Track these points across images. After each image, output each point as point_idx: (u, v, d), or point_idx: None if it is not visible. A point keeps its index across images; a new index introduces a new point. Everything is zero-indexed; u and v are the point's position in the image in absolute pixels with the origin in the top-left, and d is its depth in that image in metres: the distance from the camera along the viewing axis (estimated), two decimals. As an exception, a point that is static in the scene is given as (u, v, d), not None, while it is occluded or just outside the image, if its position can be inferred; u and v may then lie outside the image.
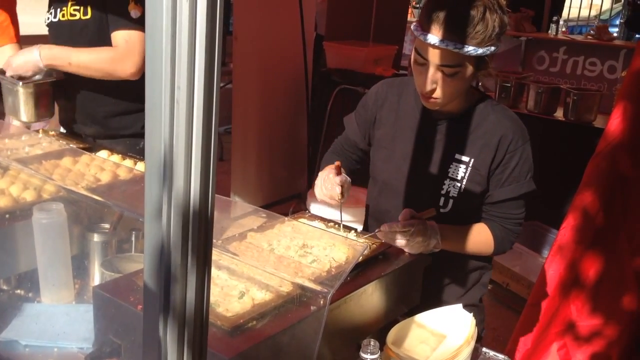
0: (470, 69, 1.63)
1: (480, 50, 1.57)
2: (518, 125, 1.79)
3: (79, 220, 1.71)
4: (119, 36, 2.24)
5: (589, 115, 3.82)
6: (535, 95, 3.97)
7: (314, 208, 3.77)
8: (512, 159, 1.76)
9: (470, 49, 1.55)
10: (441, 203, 1.80)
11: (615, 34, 7.37)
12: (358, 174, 2.03)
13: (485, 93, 1.89)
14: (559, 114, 3.99)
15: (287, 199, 4.66)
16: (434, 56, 1.60)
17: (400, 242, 1.59)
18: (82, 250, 1.70)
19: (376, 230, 1.66)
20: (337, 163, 1.75)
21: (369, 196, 2.04)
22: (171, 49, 0.60)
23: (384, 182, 1.91)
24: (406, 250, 1.62)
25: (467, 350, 1.44)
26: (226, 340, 1.14)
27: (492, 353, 1.57)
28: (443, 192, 1.79)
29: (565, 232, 2.45)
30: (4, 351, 1.41)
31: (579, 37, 6.03)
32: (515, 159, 1.76)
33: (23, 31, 2.78)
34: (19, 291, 1.65)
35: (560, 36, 6.44)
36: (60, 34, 2.40)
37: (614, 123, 2.36)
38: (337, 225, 1.71)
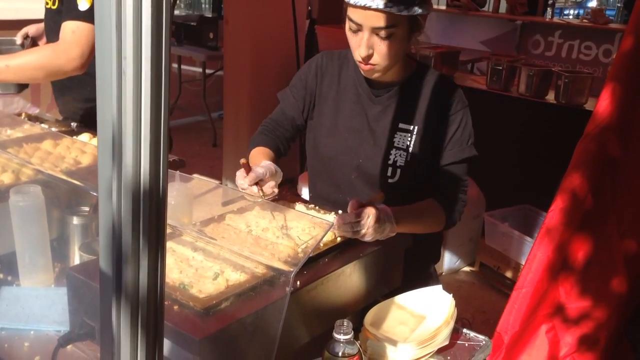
0: (404, 30, 1.64)
1: (412, 9, 1.59)
2: (457, 90, 1.82)
3: (58, 203, 1.70)
4: (67, 27, 2.14)
5: (581, 98, 3.79)
6: (526, 78, 3.95)
7: (306, 193, 3.76)
8: (453, 123, 1.79)
9: (400, 7, 1.57)
10: (389, 173, 1.81)
11: (612, 17, 7.31)
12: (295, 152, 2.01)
13: (423, 62, 1.92)
14: (551, 97, 3.97)
15: (280, 183, 4.64)
16: (366, 19, 1.60)
17: (355, 232, 1.51)
18: (61, 234, 1.69)
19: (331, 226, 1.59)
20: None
21: (310, 174, 2.03)
22: (116, 17, 0.58)
23: (329, 157, 1.90)
24: (363, 239, 1.53)
25: (446, 331, 1.43)
26: (197, 321, 1.13)
27: (472, 334, 1.57)
28: (390, 162, 1.80)
29: (554, 214, 2.43)
30: (-20, 334, 1.40)
31: (574, 21, 5.98)
32: (456, 123, 1.79)
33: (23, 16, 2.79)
34: (-2, 275, 1.64)
35: (555, 20, 6.40)
36: (46, 20, 2.42)
37: (603, 104, 2.34)
38: (316, 207, 1.69)
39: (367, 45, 1.64)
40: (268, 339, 1.16)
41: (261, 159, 1.77)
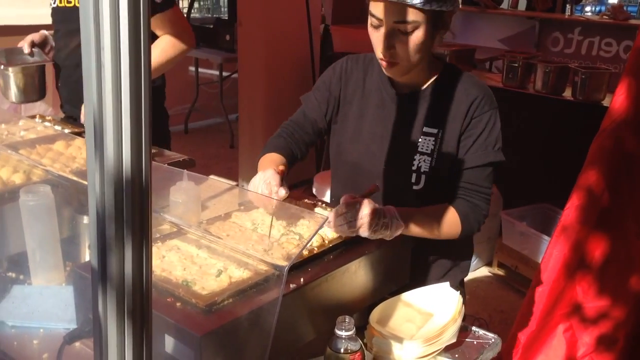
0: (428, 26, 1.58)
1: (434, 4, 1.53)
2: (485, 91, 1.73)
3: (69, 203, 1.72)
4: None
5: (598, 94, 3.73)
6: (543, 75, 3.89)
7: (321, 193, 3.76)
8: (478, 125, 1.69)
9: (423, 2, 1.51)
10: (413, 180, 1.73)
11: (633, 13, 7.20)
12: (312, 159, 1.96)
13: (450, 62, 1.84)
14: (568, 93, 3.91)
15: (297, 184, 4.65)
16: (387, 13, 1.56)
17: (350, 225, 1.45)
18: (72, 233, 1.70)
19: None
20: (280, 168, 1.62)
21: (333, 179, 1.96)
22: (94, 7, 0.58)
23: (353, 163, 1.83)
24: (362, 234, 1.47)
25: (453, 329, 1.42)
26: (199, 318, 1.13)
27: (481, 332, 1.55)
28: (414, 168, 1.73)
29: (570, 212, 2.40)
30: (-10, 332, 1.42)
31: (594, 17, 5.90)
32: (482, 125, 1.69)
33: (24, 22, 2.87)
34: (10, 273, 1.66)
35: (575, 16, 6.32)
36: (61, 19, 2.47)
37: (619, 100, 2.30)
38: (323, 205, 1.68)
39: (388, 40, 1.59)
40: (264, 334, 1.16)
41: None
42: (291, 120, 1.93)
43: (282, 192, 1.53)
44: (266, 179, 1.56)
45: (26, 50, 2.50)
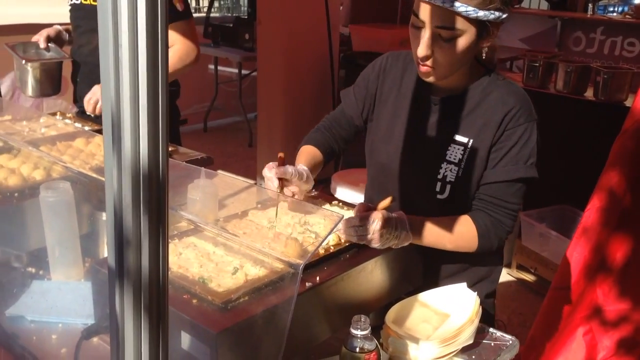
0: (471, 36, 1.49)
1: (480, 13, 1.44)
2: (522, 101, 1.62)
3: (88, 199, 1.73)
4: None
5: (620, 94, 3.68)
6: (564, 74, 3.85)
7: (339, 192, 3.75)
8: (511, 137, 1.60)
9: (469, 10, 1.42)
10: (437, 188, 1.66)
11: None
12: (347, 155, 1.94)
13: (492, 68, 1.72)
14: (589, 93, 3.86)
15: (315, 183, 4.65)
16: (430, 16, 1.48)
17: (360, 237, 1.42)
18: (91, 229, 1.72)
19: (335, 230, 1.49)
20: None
21: (368, 178, 1.93)
22: (112, 5, 0.58)
23: (382, 164, 1.78)
24: (371, 245, 1.44)
25: (470, 330, 1.41)
26: (215, 315, 1.14)
27: (499, 334, 1.53)
28: (440, 176, 1.65)
29: (590, 213, 2.37)
30: (10, 326, 1.44)
31: (617, 17, 5.82)
32: (515, 137, 1.60)
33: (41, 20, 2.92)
34: (30, 269, 1.68)
35: (597, 16, 6.24)
36: (83, 15, 2.50)
37: (641, 100, 2.27)
38: (340, 204, 1.68)
39: (427, 44, 1.51)
40: (279, 332, 1.16)
41: (302, 161, 1.72)
42: (330, 116, 1.92)
43: (275, 181, 1.57)
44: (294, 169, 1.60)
45: (42, 45, 2.53)
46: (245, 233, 1.40)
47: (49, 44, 2.56)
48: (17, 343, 1.38)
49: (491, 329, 1.55)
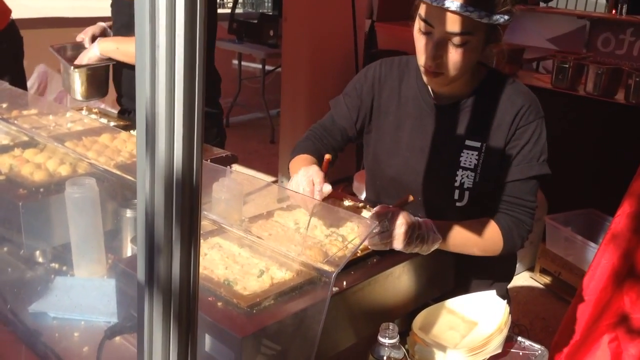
0: (480, 39, 1.48)
1: (494, 17, 1.41)
2: (531, 99, 1.61)
3: (113, 196, 1.72)
4: None
5: (653, 98, 3.61)
6: (594, 76, 3.77)
7: (361, 191, 3.73)
8: (523, 135, 1.58)
9: (482, 14, 1.40)
10: (456, 196, 1.63)
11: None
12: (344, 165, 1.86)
13: (493, 67, 1.70)
14: (620, 96, 3.78)
15: (336, 182, 4.63)
16: (441, 22, 1.44)
17: (383, 237, 1.37)
18: (115, 226, 1.71)
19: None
20: (327, 157, 1.56)
21: (370, 189, 1.86)
22: (150, 3, 0.56)
23: (391, 178, 1.73)
24: (394, 246, 1.39)
25: (499, 339, 1.37)
26: (240, 319, 1.12)
27: (527, 343, 1.50)
28: (457, 184, 1.62)
29: (620, 219, 2.32)
30: (33, 323, 1.43)
31: (647, 18, 5.70)
32: (527, 135, 1.58)
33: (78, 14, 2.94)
34: (53, 264, 1.68)
35: (627, 17, 6.12)
36: (116, 11, 2.50)
37: (676, 105, 2.21)
38: (367, 206, 1.65)
39: (437, 50, 1.48)
40: (308, 340, 1.13)
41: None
42: (320, 125, 1.85)
43: (327, 187, 1.48)
44: (309, 175, 1.50)
45: (87, 45, 2.52)
46: (271, 235, 1.38)
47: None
48: (40, 340, 1.38)
49: (520, 338, 1.51)
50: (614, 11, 6.35)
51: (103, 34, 2.60)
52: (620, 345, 2.38)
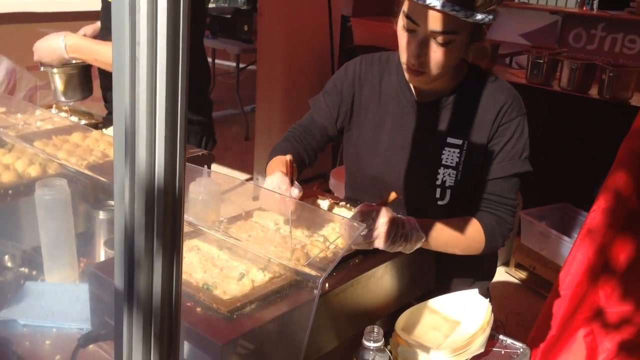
0: (464, 38, 1.46)
1: (478, 16, 1.39)
2: (513, 96, 1.60)
3: (85, 197, 1.67)
4: None
5: (626, 93, 3.64)
6: (569, 72, 3.80)
7: (338, 189, 3.71)
8: (506, 132, 1.57)
9: (468, 13, 1.38)
10: (438, 195, 1.62)
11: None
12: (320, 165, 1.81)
13: (475, 64, 1.68)
14: (594, 91, 3.82)
15: (312, 179, 4.60)
16: (426, 20, 1.42)
17: (366, 237, 1.34)
18: (87, 228, 1.66)
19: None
20: (288, 158, 1.50)
21: (350, 187, 1.83)
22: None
23: (372, 177, 1.71)
24: (377, 245, 1.36)
25: (482, 338, 1.36)
26: (221, 325, 1.08)
27: (509, 341, 1.49)
28: (438, 182, 1.61)
29: (596, 214, 2.34)
30: (2, 330, 1.38)
31: (618, 13, 5.79)
32: (509, 132, 1.57)
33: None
34: (23, 269, 1.62)
35: (599, 12, 6.20)
36: (104, 15, 2.39)
37: (651, 101, 2.23)
38: (348, 205, 1.62)
39: (420, 49, 1.46)
40: (294, 345, 1.11)
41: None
42: (299, 125, 1.81)
43: (295, 192, 1.43)
44: (274, 186, 1.45)
45: None
46: (251, 236, 1.35)
47: None
48: (10, 349, 1.32)
49: (501, 336, 1.50)
50: (584, 7, 6.43)
51: (96, 34, 2.52)
52: (596, 339, 2.41)
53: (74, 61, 2.34)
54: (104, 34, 2.43)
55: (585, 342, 2.45)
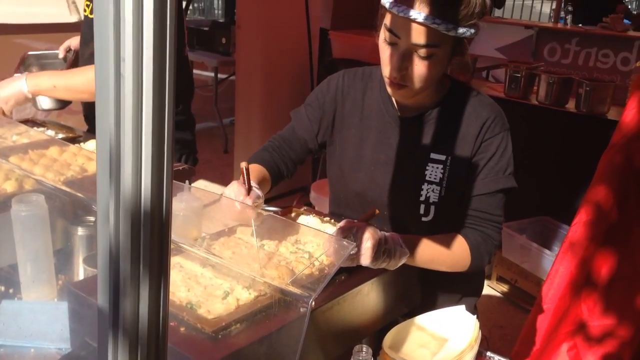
0: (446, 52, 1.45)
1: (460, 30, 1.39)
2: (496, 111, 1.60)
3: (63, 213, 1.63)
4: None
5: (602, 107, 3.69)
6: (546, 86, 3.84)
7: (318, 202, 3.68)
8: (489, 148, 1.56)
9: (449, 27, 1.38)
10: (422, 211, 1.60)
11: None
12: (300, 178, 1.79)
13: (457, 79, 1.68)
14: (571, 105, 3.86)
15: (292, 192, 4.57)
16: (408, 33, 1.41)
17: (351, 257, 1.31)
18: (65, 245, 1.62)
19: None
20: (243, 165, 1.45)
21: (335, 203, 1.81)
22: (114, 13, 0.50)
23: (356, 193, 1.69)
24: (362, 262, 1.34)
25: (470, 355, 1.34)
26: (206, 345, 1.05)
27: (497, 357, 1.48)
28: (422, 198, 1.59)
29: (577, 228, 2.34)
30: (-23, 352, 1.33)
31: (592, 28, 5.88)
32: (492, 148, 1.56)
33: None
34: (-2, 287, 1.57)
35: (573, 27, 6.30)
36: (83, 29, 2.34)
37: (629, 115, 2.25)
38: (332, 221, 1.60)
39: (402, 62, 1.45)
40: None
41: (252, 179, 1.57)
42: (279, 136, 1.79)
43: (249, 201, 1.39)
44: (232, 196, 1.42)
45: (61, 55, 2.38)
46: (235, 253, 1.32)
47: (67, 54, 2.40)
48: (-15, 371, 1.28)
49: (489, 353, 1.49)
50: (558, 24, 6.53)
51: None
52: (579, 353, 2.41)
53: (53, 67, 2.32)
54: (84, 50, 2.37)
55: (568, 356, 2.45)
